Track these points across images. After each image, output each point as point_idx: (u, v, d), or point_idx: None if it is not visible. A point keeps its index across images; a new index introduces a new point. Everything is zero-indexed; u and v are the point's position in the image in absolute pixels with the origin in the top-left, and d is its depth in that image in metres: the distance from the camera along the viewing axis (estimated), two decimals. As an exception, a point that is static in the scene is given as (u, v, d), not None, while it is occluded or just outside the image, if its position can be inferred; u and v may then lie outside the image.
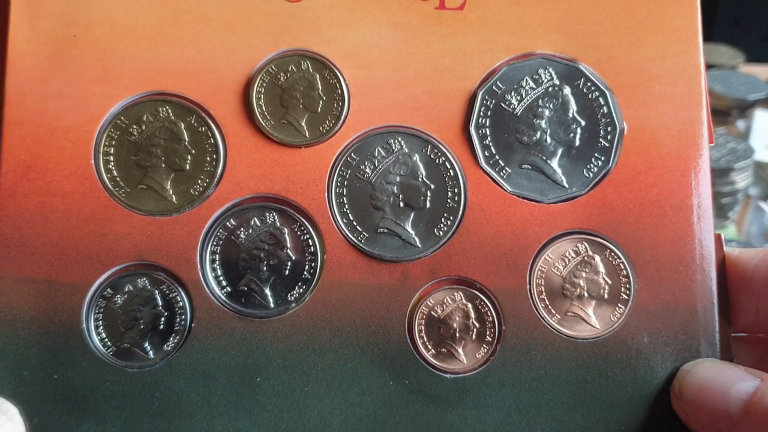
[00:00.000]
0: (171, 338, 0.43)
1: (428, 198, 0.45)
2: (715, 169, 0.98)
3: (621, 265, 0.44)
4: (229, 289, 0.43)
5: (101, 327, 0.43)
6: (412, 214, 0.45)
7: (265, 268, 0.43)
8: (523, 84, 0.45)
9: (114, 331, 0.43)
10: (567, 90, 0.45)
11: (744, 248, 0.46)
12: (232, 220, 0.44)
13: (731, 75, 1.28)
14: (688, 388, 0.41)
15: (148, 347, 0.43)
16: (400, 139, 0.45)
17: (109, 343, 0.43)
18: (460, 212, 0.44)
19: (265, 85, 0.44)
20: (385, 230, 0.44)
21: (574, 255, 0.44)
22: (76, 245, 0.43)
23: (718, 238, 0.44)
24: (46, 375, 0.42)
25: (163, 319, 0.43)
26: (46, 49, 0.44)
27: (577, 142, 0.45)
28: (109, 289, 0.43)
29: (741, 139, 1.06)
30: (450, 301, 0.44)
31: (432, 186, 0.45)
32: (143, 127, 0.44)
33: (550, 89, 0.45)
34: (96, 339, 0.43)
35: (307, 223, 0.44)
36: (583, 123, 0.45)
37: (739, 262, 0.44)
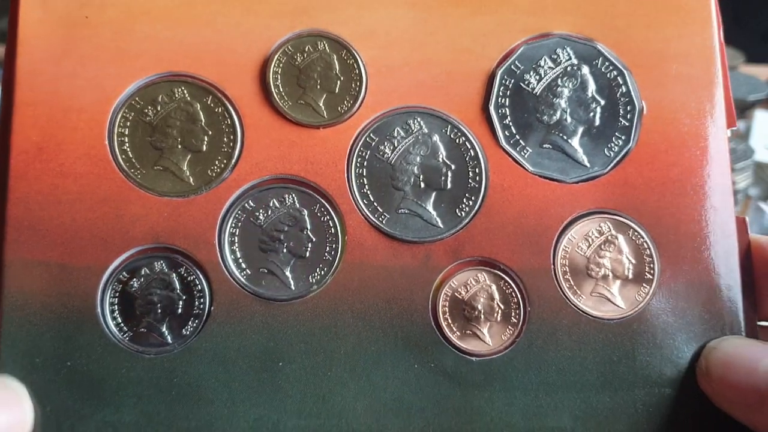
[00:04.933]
0: (189, 322, 0.42)
1: (449, 178, 0.45)
2: None
3: (644, 244, 0.44)
4: (248, 271, 0.43)
5: (117, 311, 0.42)
6: (434, 195, 0.45)
7: (285, 250, 0.43)
8: (542, 63, 0.46)
9: (130, 316, 0.42)
10: (585, 69, 0.46)
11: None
12: (250, 201, 0.44)
13: (731, 75, 1.29)
14: (715, 365, 0.42)
15: (166, 332, 0.42)
16: (419, 119, 0.45)
17: (125, 328, 0.42)
18: (482, 192, 0.45)
19: (282, 65, 0.45)
20: (407, 211, 0.44)
21: (597, 235, 0.45)
22: (90, 228, 0.43)
23: (742, 221, 0.45)
24: (59, 362, 0.42)
25: (181, 302, 0.42)
26: (59, 30, 0.44)
27: (597, 122, 0.46)
28: (124, 273, 0.42)
29: (741, 140, 1.08)
30: (474, 283, 0.44)
31: (453, 166, 0.45)
32: (159, 108, 0.44)
33: (568, 69, 0.46)
34: (111, 324, 0.42)
35: (327, 205, 0.44)
36: (602, 102, 0.46)
37: (766, 248, 0.45)
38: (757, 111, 1.25)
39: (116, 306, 0.42)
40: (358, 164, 0.45)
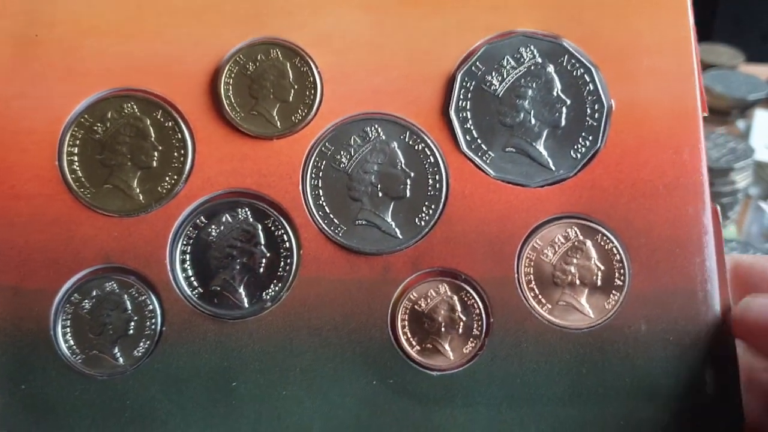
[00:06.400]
0: (141, 343, 0.42)
1: (408, 186, 0.44)
2: (715, 169, 1.01)
3: (614, 249, 0.43)
4: (200, 290, 0.43)
5: (69, 334, 0.42)
6: (392, 204, 0.44)
7: (238, 267, 0.43)
8: (504, 63, 0.44)
9: (82, 338, 0.42)
10: (550, 68, 0.44)
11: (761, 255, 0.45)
12: (202, 217, 0.43)
13: (731, 75, 1.30)
14: (753, 309, 0.41)
15: (118, 353, 0.42)
16: (376, 126, 0.44)
17: (77, 350, 0.42)
18: (442, 200, 0.43)
19: (233, 75, 0.44)
20: (364, 222, 0.43)
21: (563, 241, 0.43)
22: (42, 250, 0.42)
23: (714, 211, 0.43)
24: (13, 386, 0.42)
25: (132, 323, 0.42)
26: (8, 50, 0.44)
27: (563, 122, 0.44)
28: (76, 294, 0.42)
29: (741, 139, 1.09)
30: (434, 294, 0.43)
31: (412, 174, 0.44)
32: (108, 125, 0.43)
33: (532, 68, 0.44)
34: (64, 346, 0.42)
35: (281, 218, 0.43)
36: (568, 102, 0.44)
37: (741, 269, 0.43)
38: (757, 110, 1.24)
39: (68, 328, 0.42)
40: (313, 175, 0.44)
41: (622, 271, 0.43)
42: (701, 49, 1.37)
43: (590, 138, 0.44)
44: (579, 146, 0.44)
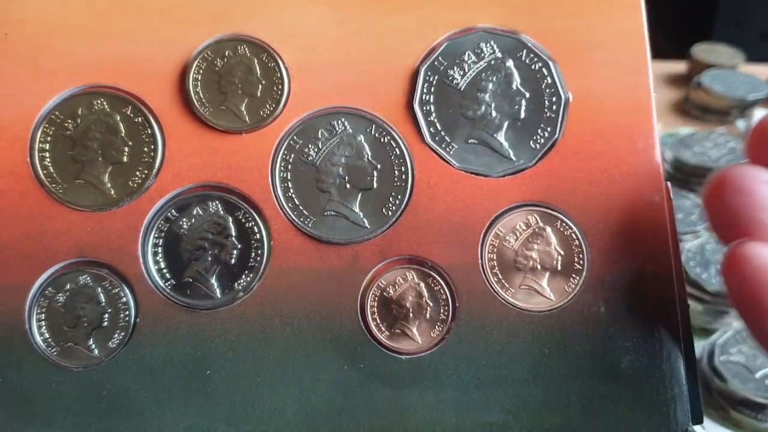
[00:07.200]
0: (115, 335, 0.43)
1: (375, 178, 0.45)
2: (715, 169, 1.00)
3: (573, 235, 0.45)
4: (173, 281, 0.44)
5: (44, 327, 0.43)
6: (360, 195, 0.45)
7: (210, 258, 0.44)
8: (465, 58, 0.46)
9: (57, 331, 0.43)
10: (510, 62, 0.46)
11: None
12: (173, 210, 0.44)
13: (731, 75, 1.31)
14: None
15: (93, 345, 0.43)
16: (343, 119, 0.45)
17: (52, 343, 0.43)
18: (408, 190, 0.45)
19: (201, 71, 0.45)
20: (332, 213, 0.45)
21: (524, 227, 0.45)
22: (16, 245, 0.43)
23: (666, 189, 0.45)
24: None
25: (106, 315, 0.43)
26: None
27: (523, 114, 0.46)
28: (50, 288, 0.43)
29: (741, 139, 1.10)
30: (402, 281, 0.44)
31: (378, 166, 0.45)
32: (78, 121, 0.44)
33: (492, 62, 0.46)
34: (39, 339, 0.43)
35: (251, 210, 0.44)
36: (527, 95, 0.46)
37: None
38: (757, 110, 1.26)
39: (43, 321, 0.43)
40: (282, 168, 0.45)
41: (581, 255, 0.45)
42: (701, 49, 1.40)
43: (548, 129, 0.46)
44: (538, 137, 0.46)
